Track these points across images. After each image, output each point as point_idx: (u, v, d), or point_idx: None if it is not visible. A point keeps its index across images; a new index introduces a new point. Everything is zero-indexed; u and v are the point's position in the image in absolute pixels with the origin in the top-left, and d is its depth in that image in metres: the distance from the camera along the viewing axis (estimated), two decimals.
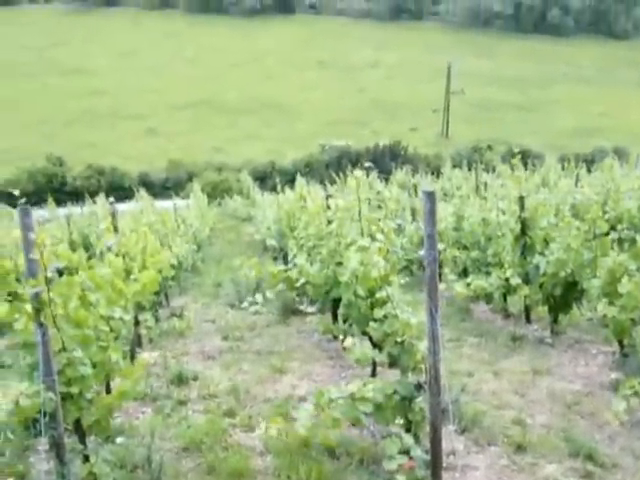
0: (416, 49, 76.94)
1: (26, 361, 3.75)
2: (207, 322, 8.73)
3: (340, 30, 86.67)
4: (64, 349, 3.76)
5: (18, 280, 3.52)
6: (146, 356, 6.74)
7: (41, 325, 3.48)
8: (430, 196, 3.45)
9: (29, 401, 3.42)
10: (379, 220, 4.80)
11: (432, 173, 25.73)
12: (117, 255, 5.50)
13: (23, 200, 3.37)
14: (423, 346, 3.82)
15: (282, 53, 78.59)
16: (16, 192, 3.59)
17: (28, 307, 3.54)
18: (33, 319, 3.50)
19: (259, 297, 8.38)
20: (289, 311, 8.68)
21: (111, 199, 6.52)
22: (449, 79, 46.52)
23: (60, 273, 3.69)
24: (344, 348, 4.62)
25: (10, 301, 3.58)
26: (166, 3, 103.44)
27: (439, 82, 51.37)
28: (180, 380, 5.93)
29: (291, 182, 16.88)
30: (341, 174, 15.92)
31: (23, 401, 3.40)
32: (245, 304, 8.91)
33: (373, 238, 4.56)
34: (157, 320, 8.13)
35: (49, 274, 3.48)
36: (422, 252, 3.52)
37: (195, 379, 6.01)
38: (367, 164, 5.34)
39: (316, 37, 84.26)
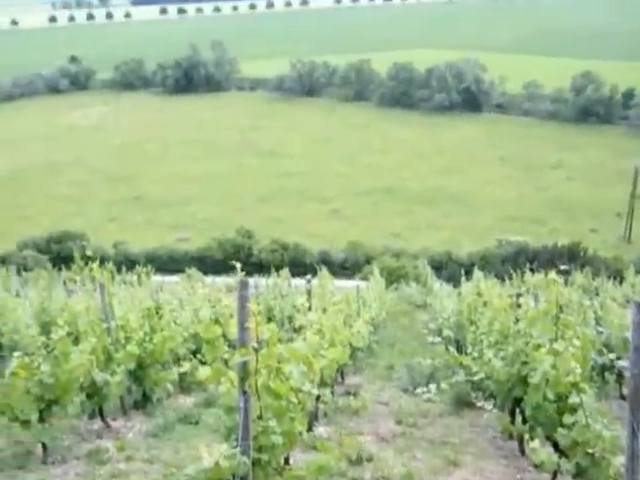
0: (601, 152, 74.56)
1: (226, 424, 3.85)
2: (381, 404, 8.65)
3: (525, 129, 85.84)
4: (260, 417, 3.83)
5: (229, 346, 3.65)
6: (322, 430, 6.76)
7: (244, 392, 3.57)
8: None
9: (227, 463, 3.48)
10: (576, 325, 4.60)
11: (614, 278, 24.59)
12: (315, 332, 5.62)
13: (242, 272, 3.51)
14: (618, 462, 3.56)
15: (465, 148, 78.87)
16: (237, 265, 3.75)
17: (232, 373, 3.64)
18: (237, 386, 3.60)
19: (432, 386, 8.27)
20: (463, 403, 8.46)
21: (308, 276, 6.73)
22: (635, 183, 44.72)
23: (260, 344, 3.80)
24: (522, 450, 4.40)
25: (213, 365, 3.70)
26: (360, 96, 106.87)
27: (623, 186, 49.46)
28: (355, 459, 5.87)
29: (467, 273, 16.68)
30: (518, 271, 15.51)
31: (223, 462, 3.47)
32: (418, 391, 8.80)
33: (568, 342, 4.37)
34: (333, 396, 8.18)
35: (256, 345, 3.59)
36: (625, 363, 3.32)
37: (370, 460, 5.92)
38: (563, 267, 5.18)
39: (500, 135, 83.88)
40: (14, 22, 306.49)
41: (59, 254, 49.16)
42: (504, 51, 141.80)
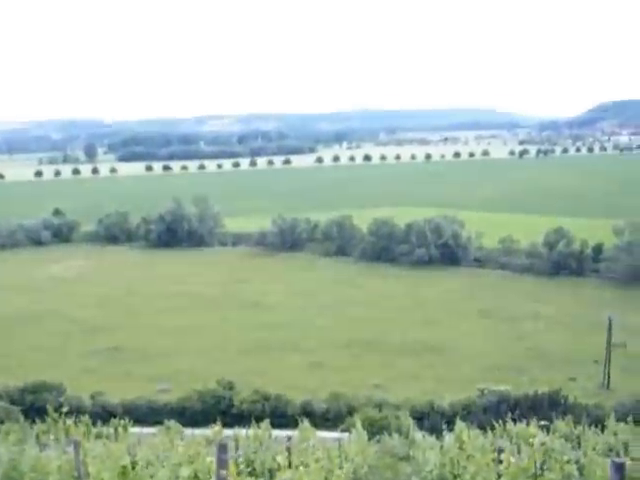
0: (575, 303, 77.49)
1: None
2: None
3: (502, 282, 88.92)
4: None
5: None
6: None
7: None
8: (618, 468, 3.49)
9: None
10: None
11: (595, 425, 25.05)
12: None
13: (221, 426, 4.14)
14: None
15: (445, 301, 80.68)
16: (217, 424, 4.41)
17: None
18: None
19: None
20: None
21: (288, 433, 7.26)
22: (610, 332, 45.95)
23: None
24: None
25: None
26: (342, 251, 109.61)
27: (599, 335, 50.76)
28: None
29: (449, 424, 17.14)
30: (500, 420, 16.06)
31: None
32: None
33: None
34: None
35: None
36: None
37: None
38: (543, 422, 5.59)
39: (479, 288, 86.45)
40: (0, 176, 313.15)
41: (33, 405, 48.58)
42: (480, 208, 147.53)
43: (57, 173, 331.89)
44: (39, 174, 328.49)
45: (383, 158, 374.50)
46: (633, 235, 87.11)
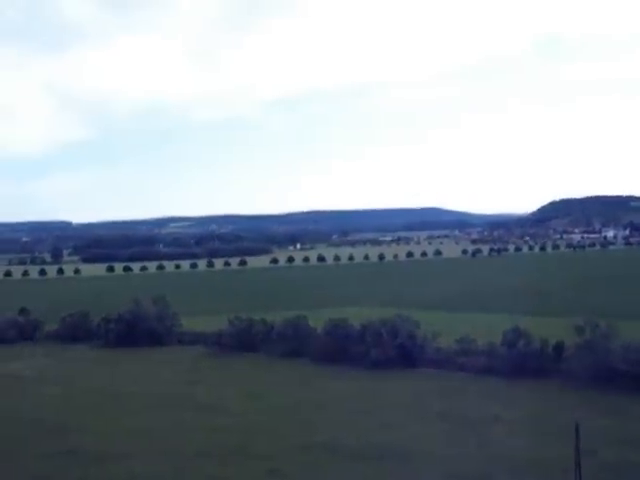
0: (540, 406, 72.63)
1: None
2: None
3: (460, 384, 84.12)
4: None
5: None
6: None
7: None
8: None
9: None
10: None
11: None
12: None
13: None
14: None
15: (403, 404, 75.83)
16: None
17: None
18: None
19: None
20: None
21: None
22: (578, 439, 42.11)
23: None
24: None
25: None
26: (297, 352, 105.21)
27: (566, 441, 46.59)
28: None
29: None
30: None
31: None
32: None
33: None
34: None
35: None
36: None
37: None
38: None
39: (437, 390, 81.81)
40: None
41: None
42: (436, 308, 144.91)
43: (25, 273, 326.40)
44: (8, 274, 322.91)
45: (337, 259, 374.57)
46: (594, 333, 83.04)
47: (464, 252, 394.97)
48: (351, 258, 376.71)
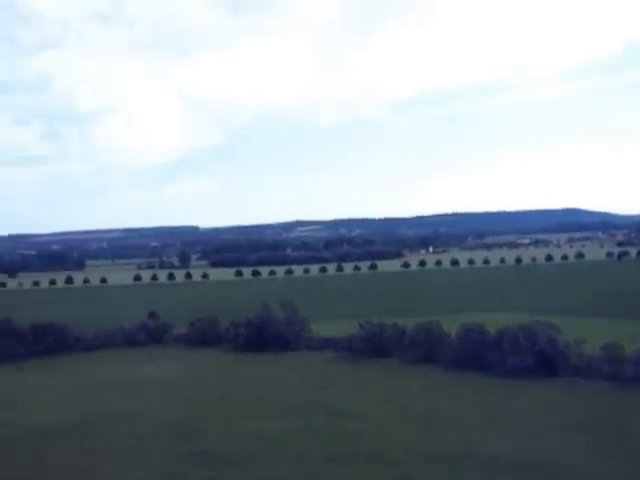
0: None
1: None
2: None
3: (606, 394, 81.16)
4: None
5: None
6: None
7: None
8: None
9: None
10: None
11: None
12: None
13: None
14: None
15: (543, 414, 74.08)
16: None
17: None
18: None
19: None
20: None
21: None
22: None
23: None
24: None
25: None
26: (429, 358, 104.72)
27: None
28: None
29: None
30: None
31: None
32: None
33: None
34: None
35: None
36: None
37: None
38: None
39: (581, 400, 79.32)
40: (103, 280, 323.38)
41: None
42: (578, 313, 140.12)
43: (154, 277, 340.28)
44: (138, 278, 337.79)
45: (471, 262, 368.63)
46: None
47: (609, 255, 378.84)
48: (486, 261, 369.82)
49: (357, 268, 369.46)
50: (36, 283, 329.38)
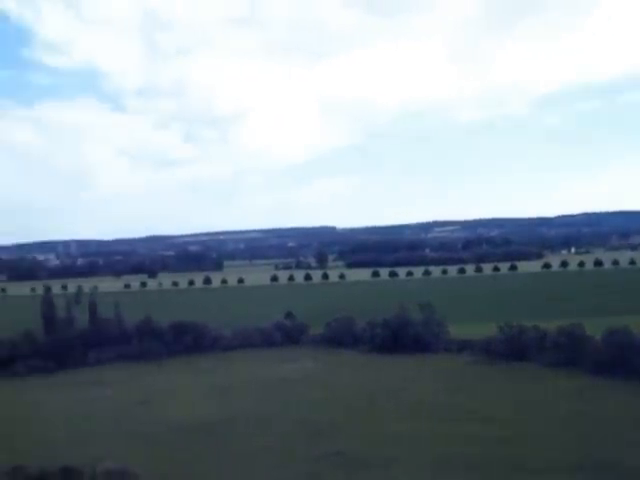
0: None
1: None
2: None
3: None
4: None
5: None
6: None
7: None
8: None
9: None
10: None
11: None
12: None
13: None
14: None
15: None
16: None
17: None
18: None
19: None
20: None
21: None
22: None
23: None
24: None
25: None
26: (572, 362, 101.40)
27: None
28: None
29: None
30: None
31: None
32: None
33: None
34: None
35: None
36: None
37: None
38: None
39: None
40: (240, 280, 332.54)
41: None
42: None
43: (291, 278, 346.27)
44: (275, 279, 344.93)
45: (615, 263, 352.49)
46: None
47: None
48: (632, 262, 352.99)
49: (496, 269, 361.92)
50: (175, 283, 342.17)
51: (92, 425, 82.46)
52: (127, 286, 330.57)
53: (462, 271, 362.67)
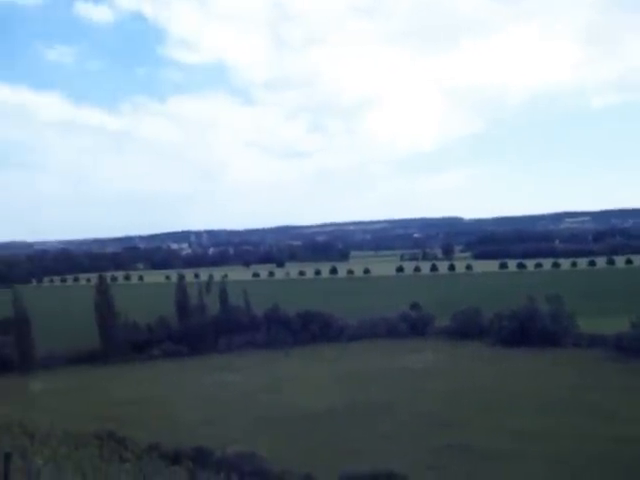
0: None
1: None
2: None
3: None
4: None
5: None
6: None
7: None
8: None
9: None
10: None
11: None
12: None
13: None
14: None
15: None
16: None
17: None
18: None
19: None
20: None
21: None
22: None
23: None
24: None
25: None
26: None
27: None
28: None
29: None
30: None
31: None
32: None
33: None
34: None
35: None
36: None
37: None
38: None
39: None
40: (366, 271, 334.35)
41: None
42: None
43: (417, 269, 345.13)
44: (400, 270, 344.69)
45: None
46: None
47: None
48: None
49: (629, 262, 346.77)
50: (302, 273, 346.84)
51: (222, 409, 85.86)
52: (256, 275, 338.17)
53: (592, 263, 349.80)
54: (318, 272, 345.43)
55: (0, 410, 44.42)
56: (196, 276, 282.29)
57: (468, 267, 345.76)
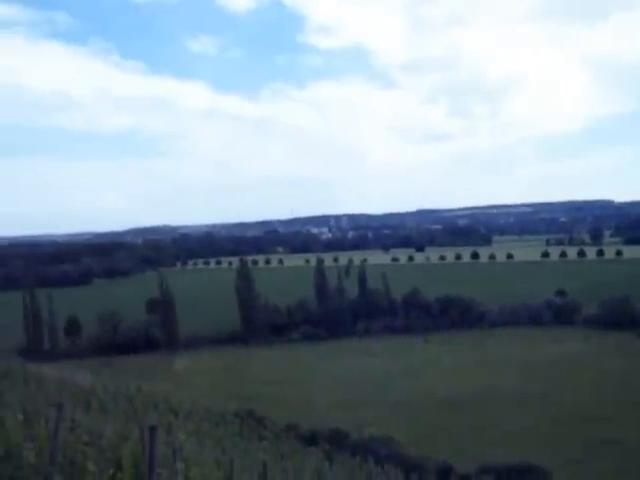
0: None
1: None
2: None
3: None
4: None
5: None
6: None
7: None
8: None
9: None
10: None
11: None
12: None
13: None
14: None
15: None
16: None
17: None
18: None
19: None
20: None
21: None
22: None
23: None
24: None
25: None
26: None
27: None
28: None
29: None
30: None
31: None
32: None
33: None
34: None
35: None
36: None
37: None
38: None
39: None
40: (509, 256, 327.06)
41: None
42: None
43: (563, 254, 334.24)
44: (545, 255, 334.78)
45: None
46: None
47: None
48: None
49: None
50: (442, 257, 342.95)
51: (359, 392, 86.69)
52: (395, 259, 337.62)
53: None
54: (459, 257, 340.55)
55: (147, 387, 46.60)
56: (335, 260, 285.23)
57: (618, 253, 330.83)
